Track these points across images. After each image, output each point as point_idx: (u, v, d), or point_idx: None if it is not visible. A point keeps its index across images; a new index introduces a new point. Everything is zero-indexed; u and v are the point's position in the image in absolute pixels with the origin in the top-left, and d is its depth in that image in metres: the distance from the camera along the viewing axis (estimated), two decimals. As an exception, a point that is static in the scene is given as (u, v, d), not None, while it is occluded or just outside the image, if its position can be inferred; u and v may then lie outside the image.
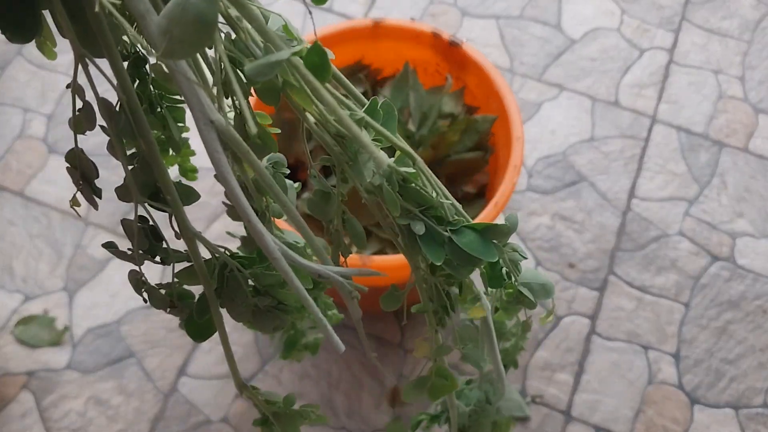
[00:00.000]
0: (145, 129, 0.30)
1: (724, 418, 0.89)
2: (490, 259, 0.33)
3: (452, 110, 0.88)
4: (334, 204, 0.37)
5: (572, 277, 0.98)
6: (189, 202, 0.34)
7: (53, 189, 1.04)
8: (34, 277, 0.98)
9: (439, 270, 0.36)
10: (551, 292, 0.39)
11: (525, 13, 1.19)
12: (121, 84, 0.29)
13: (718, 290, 0.97)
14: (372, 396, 0.90)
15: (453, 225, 0.33)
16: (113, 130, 0.30)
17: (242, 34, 0.29)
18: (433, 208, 0.33)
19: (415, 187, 0.32)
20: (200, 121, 0.26)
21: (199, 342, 0.37)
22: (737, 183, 1.05)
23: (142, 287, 0.37)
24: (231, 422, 0.89)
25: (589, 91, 1.12)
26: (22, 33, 0.28)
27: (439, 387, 0.43)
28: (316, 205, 0.37)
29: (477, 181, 0.87)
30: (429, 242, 0.33)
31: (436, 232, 0.33)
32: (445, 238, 0.33)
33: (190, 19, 0.22)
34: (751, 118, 1.10)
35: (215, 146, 0.27)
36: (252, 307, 0.36)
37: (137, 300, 0.96)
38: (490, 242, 0.33)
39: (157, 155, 0.31)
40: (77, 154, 0.33)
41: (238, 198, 0.27)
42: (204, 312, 0.36)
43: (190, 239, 0.33)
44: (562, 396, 0.90)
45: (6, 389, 0.91)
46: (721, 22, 1.19)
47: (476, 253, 0.32)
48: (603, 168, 1.06)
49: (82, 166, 0.34)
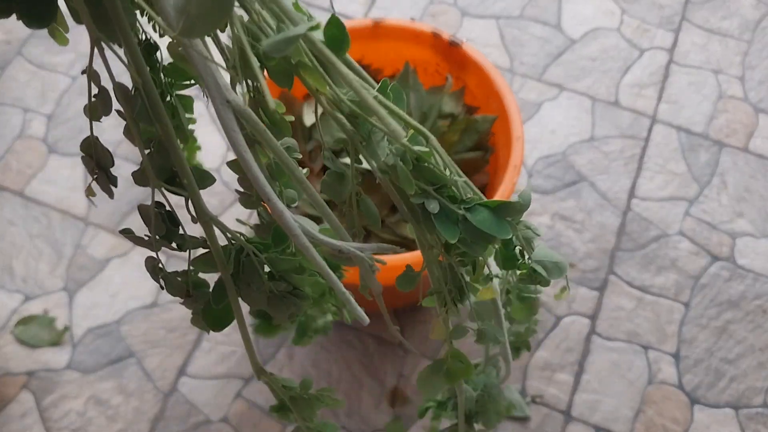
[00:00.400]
0: (161, 113, 0.30)
1: (724, 418, 0.89)
2: (504, 236, 0.33)
3: (452, 110, 0.88)
4: (348, 184, 0.37)
5: (572, 277, 0.98)
6: (204, 185, 0.33)
7: (53, 189, 1.04)
8: (34, 277, 0.98)
9: (453, 249, 0.36)
10: (565, 269, 0.39)
11: (525, 13, 1.19)
12: (137, 67, 0.29)
13: (718, 290, 0.97)
14: (372, 396, 0.90)
15: (467, 203, 0.33)
16: (129, 114, 0.30)
17: (255, 16, 0.28)
18: (447, 187, 0.33)
19: (429, 166, 0.32)
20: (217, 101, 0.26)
21: (218, 331, 0.37)
22: (737, 183, 1.05)
23: (159, 274, 0.37)
24: (231, 422, 0.89)
25: (589, 91, 1.12)
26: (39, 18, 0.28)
27: (455, 370, 0.43)
28: (330, 186, 0.37)
29: (477, 181, 0.87)
30: (443, 220, 0.33)
31: (450, 210, 0.33)
32: (459, 216, 0.33)
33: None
34: (751, 118, 1.10)
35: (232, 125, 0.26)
36: (268, 292, 0.36)
37: (137, 300, 0.96)
38: (504, 219, 0.33)
39: (173, 139, 0.30)
40: (93, 142, 0.33)
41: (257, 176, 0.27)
42: (221, 298, 0.36)
43: (207, 223, 0.33)
44: (562, 396, 0.90)
45: (6, 389, 0.91)
46: (721, 22, 1.19)
47: (490, 231, 0.33)
48: (603, 168, 1.06)
49: (98, 154, 0.33)
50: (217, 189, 1.04)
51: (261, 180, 0.27)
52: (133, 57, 0.29)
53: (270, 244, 0.36)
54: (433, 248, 0.36)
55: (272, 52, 0.23)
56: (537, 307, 0.57)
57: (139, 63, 0.29)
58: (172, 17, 0.23)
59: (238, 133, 0.27)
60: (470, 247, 0.34)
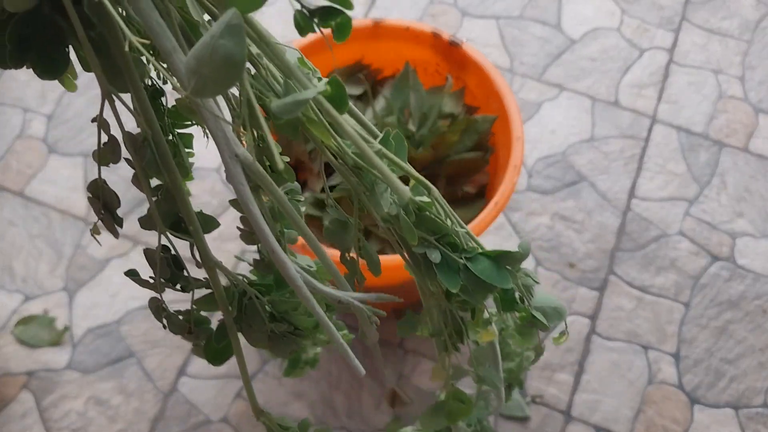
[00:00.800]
0: (170, 163, 0.31)
1: (724, 418, 0.89)
2: (505, 285, 0.33)
3: (452, 110, 0.88)
4: (351, 233, 0.38)
5: (572, 277, 0.98)
6: (209, 230, 0.34)
7: (53, 189, 1.04)
8: (34, 277, 0.98)
9: (454, 296, 0.37)
10: (564, 314, 0.39)
11: (525, 13, 1.19)
12: (147, 119, 0.30)
13: (718, 290, 0.97)
14: (372, 396, 0.90)
15: (468, 252, 0.34)
16: (139, 163, 0.31)
17: (263, 71, 0.29)
18: (448, 236, 0.34)
19: (431, 216, 0.33)
20: (226, 155, 0.27)
21: (217, 366, 0.38)
22: (737, 183, 1.05)
23: (162, 314, 0.38)
24: (231, 422, 0.89)
25: (589, 91, 1.12)
26: (52, 70, 0.29)
27: (457, 410, 0.44)
28: (334, 234, 0.38)
29: (477, 181, 0.87)
30: (445, 270, 0.33)
31: (451, 260, 0.34)
32: (460, 266, 0.34)
33: (219, 59, 0.22)
34: (751, 118, 1.10)
35: (240, 179, 0.27)
36: (268, 332, 0.36)
37: (137, 300, 0.96)
38: (504, 269, 0.34)
39: (180, 187, 0.31)
40: (100, 185, 0.34)
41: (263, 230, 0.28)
42: (223, 338, 0.37)
43: (212, 268, 0.34)
44: (562, 396, 0.90)
45: (6, 389, 0.91)
46: (721, 22, 1.19)
47: (491, 280, 0.33)
48: (603, 168, 1.06)
49: (105, 196, 0.34)
50: (217, 188, 1.04)
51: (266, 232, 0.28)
52: (143, 109, 0.29)
53: (272, 286, 0.37)
54: (433, 295, 0.37)
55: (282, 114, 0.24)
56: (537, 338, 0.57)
57: (149, 115, 0.30)
58: (184, 77, 0.24)
59: (246, 187, 0.27)
60: (471, 296, 0.34)
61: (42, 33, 0.28)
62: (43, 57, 0.28)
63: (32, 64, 0.28)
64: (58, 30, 0.28)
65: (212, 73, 0.22)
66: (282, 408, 0.89)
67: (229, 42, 0.22)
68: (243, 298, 0.36)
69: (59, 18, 0.28)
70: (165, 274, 0.36)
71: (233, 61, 0.22)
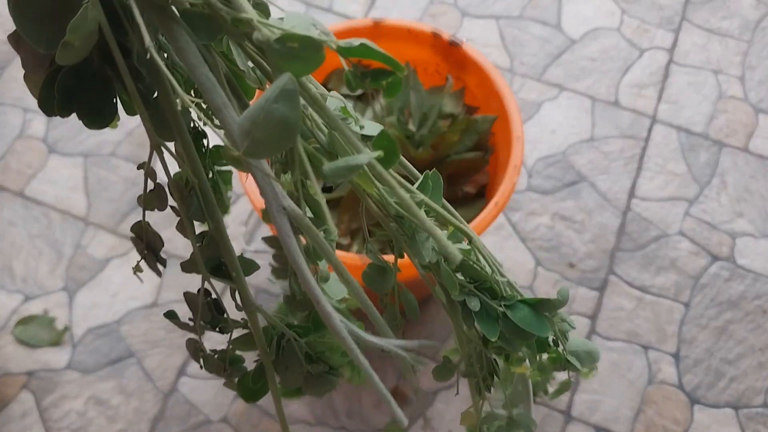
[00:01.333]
0: (215, 211, 0.31)
1: (724, 418, 0.89)
2: (544, 334, 0.34)
3: (452, 110, 0.88)
4: (390, 278, 0.38)
5: (572, 277, 0.98)
6: (249, 273, 0.35)
7: (53, 189, 1.04)
8: (34, 277, 0.98)
9: (491, 343, 0.37)
10: (597, 357, 0.40)
11: (525, 13, 1.19)
12: (193, 168, 0.30)
13: (718, 290, 0.97)
14: (372, 396, 0.90)
15: (507, 300, 0.34)
16: (185, 211, 0.32)
17: (308, 122, 0.30)
18: (487, 282, 0.34)
19: (471, 264, 0.33)
20: (273, 208, 0.27)
21: (251, 403, 0.38)
22: (737, 183, 1.05)
23: (199, 355, 0.38)
24: (231, 422, 0.89)
25: (589, 91, 1.12)
26: (99, 121, 0.29)
27: None
28: (372, 279, 0.38)
29: (477, 181, 0.87)
30: (484, 318, 0.34)
31: (490, 308, 0.34)
32: (499, 313, 0.34)
33: (273, 123, 0.22)
34: (751, 118, 1.10)
35: (287, 231, 0.28)
36: (305, 373, 0.37)
37: (137, 300, 0.96)
38: (543, 316, 0.34)
39: (224, 234, 0.32)
40: (144, 227, 0.35)
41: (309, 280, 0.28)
42: (260, 379, 0.38)
43: (252, 312, 0.34)
44: (562, 396, 0.90)
45: (6, 389, 0.91)
46: (721, 22, 1.19)
47: (530, 329, 0.33)
48: (603, 168, 1.06)
49: (149, 237, 0.35)
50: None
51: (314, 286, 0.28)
52: (190, 159, 0.30)
53: (309, 328, 0.37)
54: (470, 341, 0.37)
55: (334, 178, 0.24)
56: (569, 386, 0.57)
57: (196, 164, 0.30)
58: (237, 137, 0.24)
59: (293, 239, 0.28)
60: (509, 343, 0.34)
61: (90, 85, 0.28)
62: (91, 108, 0.29)
63: (80, 114, 0.29)
64: (106, 81, 0.28)
65: (266, 136, 0.23)
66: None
67: (284, 107, 0.22)
68: (281, 340, 0.37)
69: (108, 69, 0.28)
70: (206, 318, 0.36)
71: (287, 125, 0.22)
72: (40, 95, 0.28)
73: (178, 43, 0.26)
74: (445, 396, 0.89)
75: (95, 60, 0.28)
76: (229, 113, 0.25)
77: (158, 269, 0.36)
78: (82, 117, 0.29)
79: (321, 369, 0.37)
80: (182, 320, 0.37)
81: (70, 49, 0.25)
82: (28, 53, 0.28)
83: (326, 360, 0.37)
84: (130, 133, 1.08)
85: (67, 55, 0.25)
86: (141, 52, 0.27)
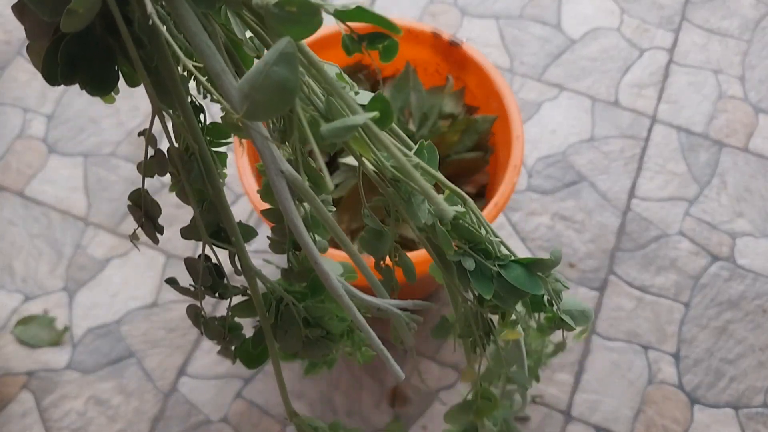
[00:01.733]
0: (215, 177, 0.32)
1: (724, 418, 0.89)
2: (537, 292, 0.35)
3: (453, 110, 0.88)
4: (387, 242, 0.39)
5: (572, 277, 0.98)
6: (248, 239, 0.36)
7: (53, 189, 1.04)
8: (34, 277, 0.98)
9: (486, 302, 0.39)
10: (590, 317, 0.41)
11: (525, 13, 1.19)
12: (193, 135, 0.31)
13: (718, 290, 0.97)
14: (372, 396, 0.90)
15: (501, 260, 0.35)
16: (186, 177, 0.32)
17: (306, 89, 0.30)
18: (482, 244, 0.35)
19: (466, 225, 0.34)
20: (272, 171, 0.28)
21: (252, 369, 0.39)
22: (737, 183, 1.05)
23: (200, 321, 0.39)
24: (231, 422, 0.89)
25: (589, 91, 1.12)
26: (102, 87, 0.30)
27: (484, 408, 0.46)
28: (369, 244, 0.39)
29: (477, 181, 0.87)
30: (479, 277, 0.35)
31: (485, 268, 0.35)
32: (493, 273, 0.35)
33: (272, 86, 0.23)
34: (751, 118, 1.10)
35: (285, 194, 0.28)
36: (303, 338, 0.38)
37: (137, 300, 0.96)
38: (536, 275, 0.35)
39: (224, 199, 0.33)
40: (143, 194, 0.35)
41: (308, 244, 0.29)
42: (259, 343, 0.39)
43: (252, 277, 0.35)
44: (562, 396, 0.90)
45: (6, 389, 0.91)
46: (721, 22, 1.19)
47: (523, 287, 0.34)
48: (603, 168, 1.06)
49: (147, 205, 0.35)
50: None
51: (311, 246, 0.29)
52: (190, 126, 0.31)
53: (306, 293, 0.38)
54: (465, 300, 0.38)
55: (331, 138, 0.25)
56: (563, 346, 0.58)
57: (196, 131, 0.31)
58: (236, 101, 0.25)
59: (291, 202, 0.29)
60: (503, 301, 0.35)
61: (92, 52, 0.29)
62: (94, 75, 0.29)
63: (82, 82, 0.29)
64: (109, 49, 0.29)
65: (265, 98, 0.23)
66: (282, 408, 0.89)
67: (283, 69, 0.23)
68: (280, 305, 0.38)
69: (110, 38, 0.29)
70: (206, 282, 0.37)
71: (287, 87, 0.23)
72: (44, 63, 0.28)
73: (178, 11, 0.26)
74: (446, 396, 0.89)
75: (98, 28, 0.28)
76: (228, 79, 0.26)
77: (156, 237, 0.36)
78: (84, 85, 0.29)
79: (318, 333, 0.38)
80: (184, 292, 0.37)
81: (74, 16, 0.25)
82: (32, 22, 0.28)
83: (324, 325, 0.38)
84: (130, 133, 1.08)
85: (72, 22, 0.26)
86: (142, 20, 0.28)
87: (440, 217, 0.34)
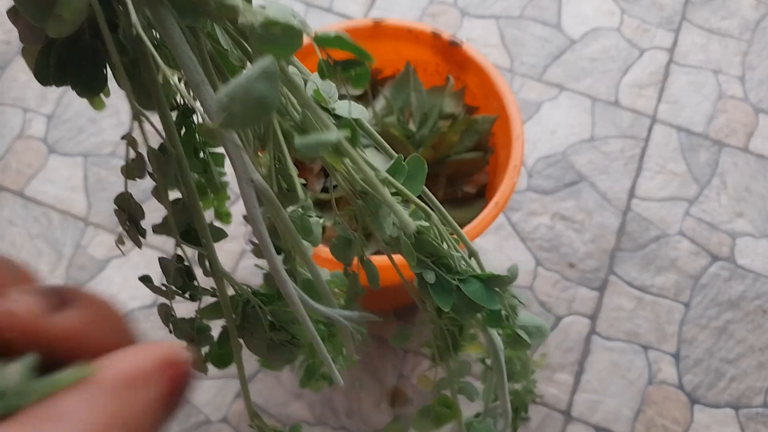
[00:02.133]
0: (189, 180, 0.34)
1: (724, 418, 0.89)
2: (493, 306, 0.36)
3: (453, 110, 0.87)
4: (354, 250, 0.41)
5: (572, 276, 0.98)
6: (218, 240, 0.37)
7: (53, 189, 1.04)
8: (34, 277, 0.98)
9: (444, 314, 0.40)
10: (546, 333, 0.43)
11: (525, 13, 1.19)
12: (171, 140, 0.32)
13: (718, 290, 0.97)
14: (372, 396, 0.90)
15: (461, 274, 0.36)
16: (161, 180, 0.34)
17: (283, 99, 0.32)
18: (444, 258, 0.36)
19: (429, 239, 0.36)
20: (242, 180, 0.29)
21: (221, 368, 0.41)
22: (737, 183, 1.05)
23: (169, 319, 0.41)
24: (231, 422, 0.89)
25: (589, 91, 1.12)
26: (90, 89, 0.31)
27: (442, 415, 0.48)
28: (339, 250, 0.41)
29: (477, 181, 0.87)
30: (439, 290, 0.36)
31: (445, 281, 0.36)
32: (453, 287, 0.36)
33: (252, 100, 0.24)
34: (751, 118, 1.10)
35: (253, 202, 0.30)
36: (268, 341, 0.39)
37: (137, 300, 0.96)
38: (494, 291, 0.36)
39: (196, 201, 0.34)
40: (126, 198, 0.37)
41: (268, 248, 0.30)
42: (224, 342, 0.40)
43: (220, 278, 0.36)
44: (562, 396, 0.90)
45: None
46: (721, 22, 1.19)
47: (480, 301, 0.36)
48: (603, 168, 1.06)
49: (131, 209, 0.37)
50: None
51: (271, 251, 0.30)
52: (167, 129, 0.32)
53: (274, 296, 0.39)
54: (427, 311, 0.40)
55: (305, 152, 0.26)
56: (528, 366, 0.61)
57: (173, 135, 0.33)
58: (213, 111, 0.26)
59: (257, 210, 0.30)
60: (461, 315, 0.37)
61: (81, 56, 0.30)
62: (83, 77, 0.31)
63: (72, 84, 0.31)
64: (97, 54, 0.31)
65: (243, 111, 0.24)
66: (281, 408, 0.89)
67: (264, 86, 0.24)
68: (246, 307, 0.39)
69: (98, 43, 0.30)
70: (177, 283, 0.38)
71: (265, 103, 0.24)
72: (36, 66, 0.29)
73: (163, 23, 0.28)
74: (445, 396, 0.89)
75: (86, 33, 0.30)
76: (207, 90, 0.27)
77: (139, 240, 0.37)
78: (74, 87, 0.31)
79: (283, 337, 0.39)
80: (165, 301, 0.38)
81: (60, 23, 0.26)
82: (24, 27, 0.30)
83: (289, 330, 0.39)
84: (130, 133, 1.08)
85: (58, 28, 0.27)
86: (127, 28, 0.29)
87: (404, 230, 0.35)
